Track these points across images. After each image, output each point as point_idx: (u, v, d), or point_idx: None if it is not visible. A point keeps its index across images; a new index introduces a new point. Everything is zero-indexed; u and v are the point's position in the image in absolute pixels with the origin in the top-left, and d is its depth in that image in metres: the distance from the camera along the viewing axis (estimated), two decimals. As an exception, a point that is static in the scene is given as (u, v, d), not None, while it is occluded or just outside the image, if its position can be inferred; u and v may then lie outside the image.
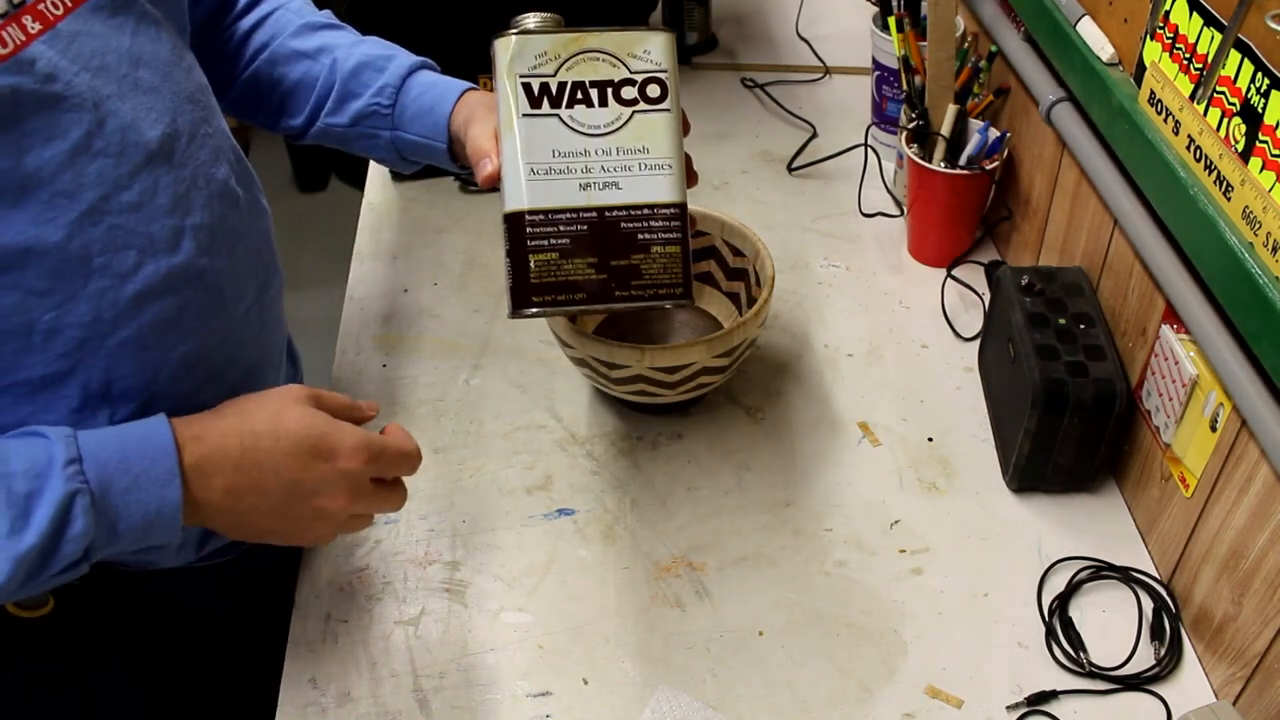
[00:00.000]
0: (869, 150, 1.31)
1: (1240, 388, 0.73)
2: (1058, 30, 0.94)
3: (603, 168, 0.69)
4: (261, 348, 0.80)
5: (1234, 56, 0.70)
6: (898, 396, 1.03)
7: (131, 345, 0.67)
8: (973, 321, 1.11)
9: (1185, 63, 0.76)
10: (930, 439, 0.99)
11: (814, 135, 1.36)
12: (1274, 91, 0.66)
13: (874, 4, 1.25)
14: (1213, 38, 0.72)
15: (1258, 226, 0.68)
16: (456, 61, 1.25)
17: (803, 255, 1.20)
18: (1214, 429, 0.79)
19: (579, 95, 0.69)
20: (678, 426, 1.01)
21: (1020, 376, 0.89)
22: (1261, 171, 0.68)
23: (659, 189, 0.69)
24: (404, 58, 0.87)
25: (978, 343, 1.07)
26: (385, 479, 0.73)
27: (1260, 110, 0.67)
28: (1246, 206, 0.69)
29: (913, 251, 1.19)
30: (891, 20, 1.17)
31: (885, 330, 1.10)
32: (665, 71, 0.70)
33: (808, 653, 0.83)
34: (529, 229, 0.68)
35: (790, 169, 1.32)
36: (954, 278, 1.15)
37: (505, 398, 1.04)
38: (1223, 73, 0.71)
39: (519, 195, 0.68)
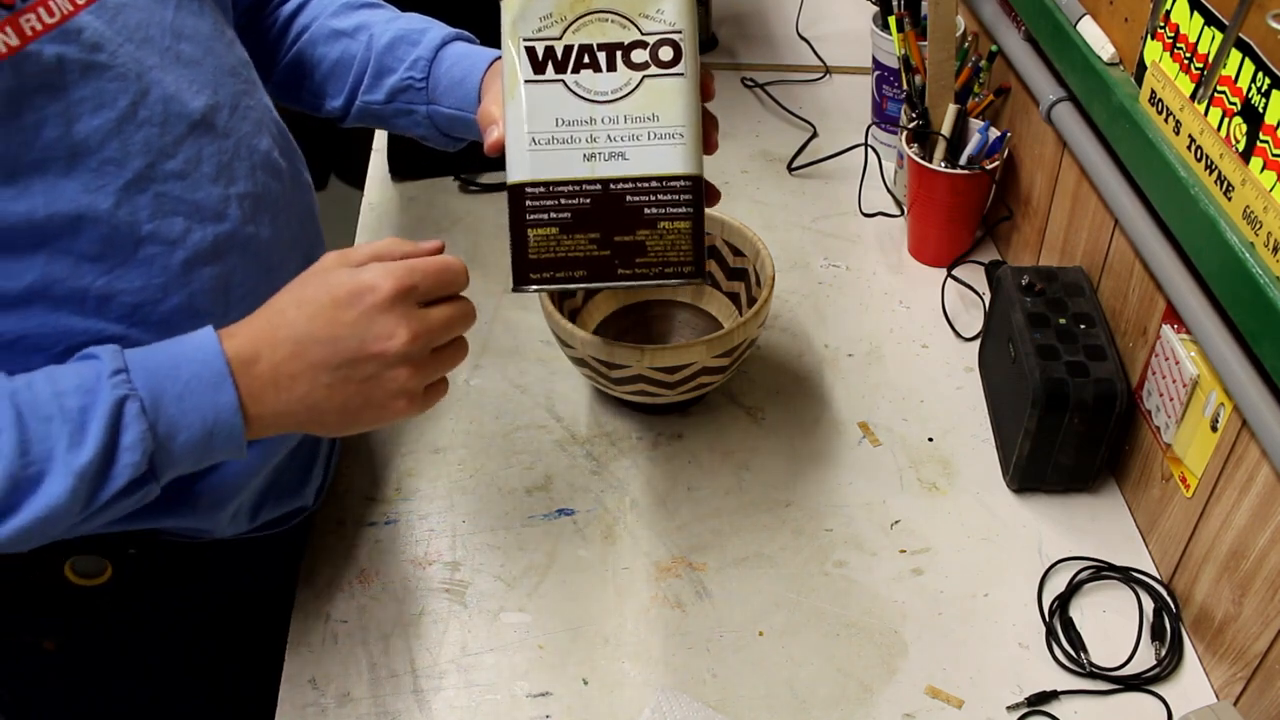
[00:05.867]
0: (869, 150, 1.31)
1: (1241, 388, 0.73)
2: (1058, 30, 0.94)
3: (609, 137, 0.65)
4: None
5: (1235, 56, 0.70)
6: (898, 396, 1.03)
7: (183, 312, 0.68)
8: (973, 321, 1.11)
9: (1186, 62, 0.76)
10: (930, 439, 0.99)
11: (814, 135, 1.36)
12: (1275, 91, 0.66)
13: (874, 3, 1.25)
14: (1214, 37, 0.72)
15: (1258, 226, 0.68)
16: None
17: (803, 255, 1.20)
18: (1215, 429, 0.79)
19: (586, 59, 0.64)
20: (678, 426, 1.01)
21: (1021, 376, 0.89)
22: (1262, 171, 0.68)
23: (669, 160, 0.65)
24: (438, 30, 0.86)
25: (978, 343, 1.07)
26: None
27: (1261, 110, 0.67)
28: (1247, 206, 0.69)
29: (913, 251, 1.19)
30: (892, 20, 1.17)
31: (885, 330, 1.10)
32: (680, 32, 0.65)
33: (808, 653, 0.83)
34: (528, 202, 0.65)
35: (790, 169, 1.32)
36: (954, 278, 1.15)
37: (505, 398, 1.03)
38: (1223, 72, 0.71)
39: (520, 166, 0.66)
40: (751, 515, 0.93)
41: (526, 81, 0.65)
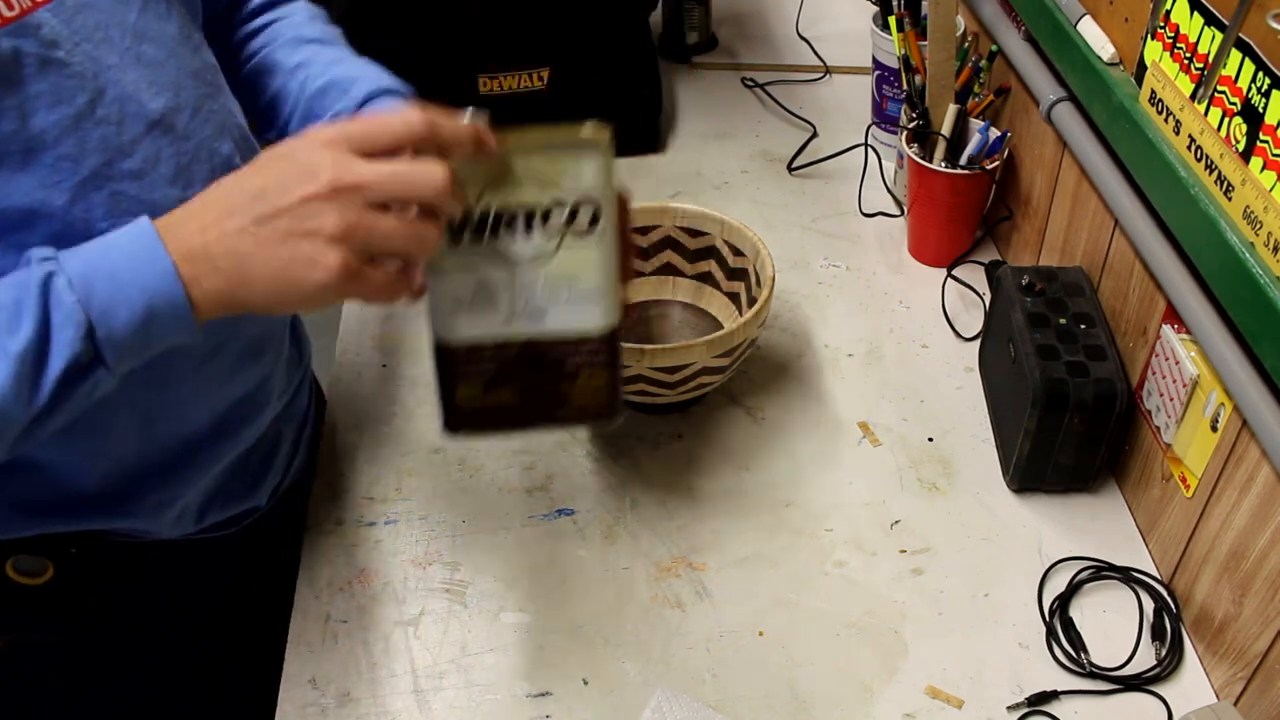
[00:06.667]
0: (869, 150, 1.31)
1: (1241, 388, 0.73)
2: (1058, 30, 0.94)
3: (529, 298, 0.65)
4: (262, 325, 0.81)
5: (1235, 56, 0.70)
6: (898, 396, 1.03)
7: None
8: (973, 321, 1.11)
9: (1186, 62, 0.76)
10: (930, 439, 0.99)
11: (814, 135, 1.36)
12: (1275, 91, 0.66)
13: (874, 3, 1.25)
14: (1214, 37, 0.72)
15: (1259, 226, 0.68)
16: (448, 63, 1.25)
17: (803, 255, 1.20)
18: (1215, 429, 0.79)
19: (505, 224, 0.63)
20: (678, 426, 1.01)
21: (1021, 376, 0.89)
22: (1262, 171, 0.68)
23: (587, 318, 0.66)
24: (368, 83, 0.84)
25: (978, 343, 1.07)
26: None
27: (1261, 110, 0.67)
28: (1247, 206, 0.69)
29: (913, 251, 1.19)
30: (892, 20, 1.17)
31: (885, 330, 1.10)
32: (598, 194, 0.64)
33: (808, 653, 0.83)
34: (452, 361, 0.66)
35: (790, 169, 1.32)
36: (954, 278, 1.15)
37: (505, 398, 1.03)
38: (1223, 72, 0.71)
39: (443, 329, 0.65)
40: (751, 515, 0.93)
41: (445, 249, 0.63)
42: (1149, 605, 0.86)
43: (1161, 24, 0.79)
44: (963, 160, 1.10)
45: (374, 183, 0.57)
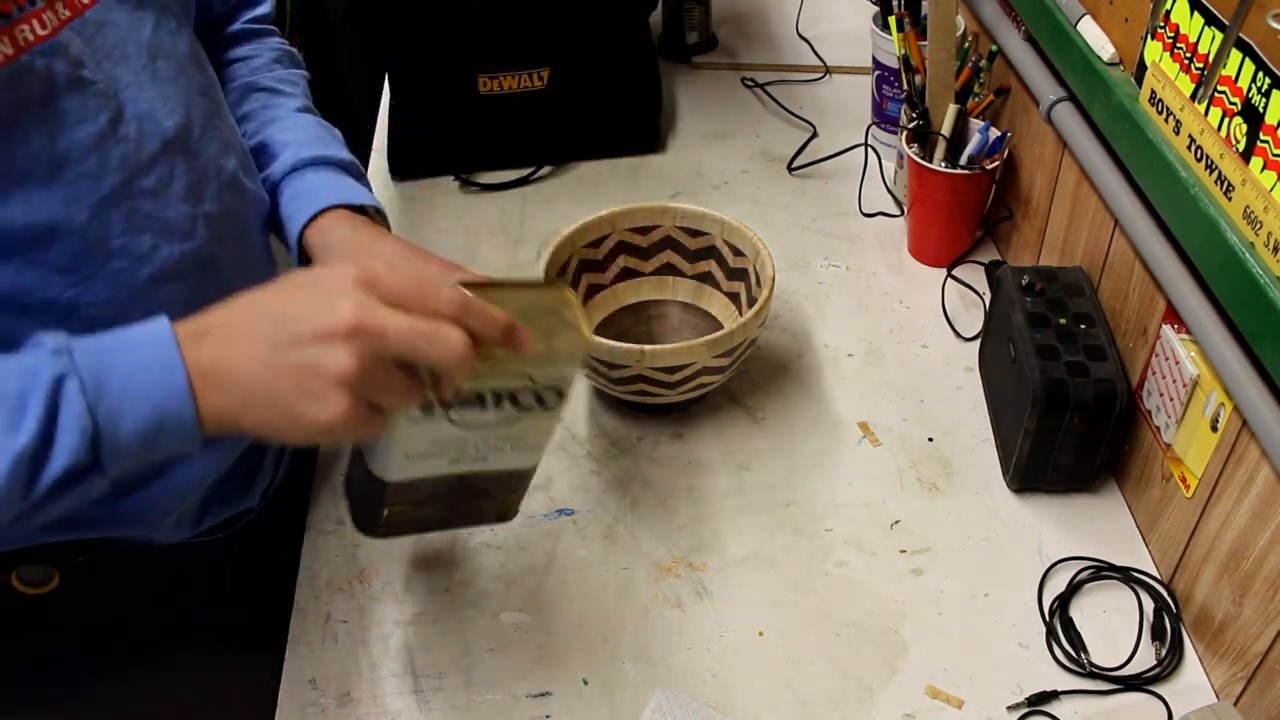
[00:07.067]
0: (869, 150, 1.31)
1: (1241, 388, 0.73)
2: (1058, 30, 0.94)
3: (476, 448, 0.66)
4: None
5: (1235, 56, 0.70)
6: (898, 396, 1.03)
7: None
8: (973, 321, 1.11)
9: (1186, 62, 0.76)
10: (930, 439, 0.99)
11: (814, 135, 1.36)
12: (1275, 91, 0.66)
13: (874, 3, 1.25)
14: (1214, 37, 0.72)
15: (1259, 226, 0.68)
16: (448, 63, 1.26)
17: (803, 255, 1.20)
18: (1215, 429, 0.79)
19: (474, 400, 0.63)
20: (678, 426, 1.01)
21: (1021, 376, 0.89)
22: (1262, 171, 0.67)
23: (524, 461, 0.69)
24: (298, 150, 0.83)
25: (978, 343, 1.07)
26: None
27: (1261, 110, 0.67)
28: (1247, 206, 0.69)
29: (913, 251, 1.19)
30: (892, 20, 1.17)
31: (885, 330, 1.10)
32: (568, 381, 0.65)
33: (808, 653, 0.83)
34: (386, 491, 0.66)
35: (790, 169, 1.32)
36: (954, 278, 1.15)
37: (505, 397, 1.03)
38: (1224, 72, 0.71)
39: (388, 469, 0.64)
40: (751, 515, 0.93)
41: (408, 419, 0.62)
42: (1149, 605, 0.86)
43: (1161, 24, 0.79)
44: (963, 160, 1.10)
45: (395, 334, 0.55)
